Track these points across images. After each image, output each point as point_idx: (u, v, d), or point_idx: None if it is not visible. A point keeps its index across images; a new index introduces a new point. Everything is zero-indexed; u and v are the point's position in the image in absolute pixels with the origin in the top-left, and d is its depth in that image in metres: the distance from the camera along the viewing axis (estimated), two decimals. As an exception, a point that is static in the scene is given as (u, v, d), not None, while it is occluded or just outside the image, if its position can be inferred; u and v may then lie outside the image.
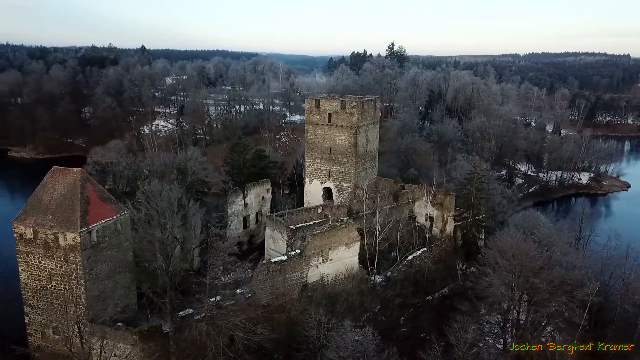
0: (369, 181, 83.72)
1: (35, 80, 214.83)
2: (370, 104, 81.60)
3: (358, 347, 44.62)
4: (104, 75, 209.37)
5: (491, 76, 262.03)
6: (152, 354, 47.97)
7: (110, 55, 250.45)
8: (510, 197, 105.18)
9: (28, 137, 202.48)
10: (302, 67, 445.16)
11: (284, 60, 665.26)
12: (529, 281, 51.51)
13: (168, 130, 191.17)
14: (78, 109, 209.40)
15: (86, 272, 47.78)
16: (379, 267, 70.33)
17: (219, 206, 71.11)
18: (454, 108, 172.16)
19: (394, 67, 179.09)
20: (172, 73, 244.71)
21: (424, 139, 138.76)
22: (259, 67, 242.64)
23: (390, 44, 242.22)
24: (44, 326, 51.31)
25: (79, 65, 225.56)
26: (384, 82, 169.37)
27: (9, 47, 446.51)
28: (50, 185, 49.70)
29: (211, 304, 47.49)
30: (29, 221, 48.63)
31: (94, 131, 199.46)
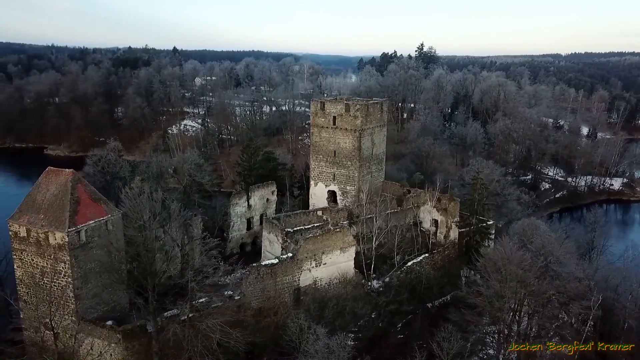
0: (375, 185, 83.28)
1: (72, 81, 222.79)
2: (376, 107, 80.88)
3: (329, 354, 44.17)
4: (136, 76, 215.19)
5: (525, 77, 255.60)
6: (135, 353, 48.95)
7: (144, 56, 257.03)
8: (527, 203, 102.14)
9: (63, 136, 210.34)
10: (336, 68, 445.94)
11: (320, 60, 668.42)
12: (519, 292, 49.91)
13: (195, 131, 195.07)
14: (111, 108, 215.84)
15: (74, 270, 49.10)
16: (378, 273, 69.79)
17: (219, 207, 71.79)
18: (481, 110, 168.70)
19: (419, 68, 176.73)
20: (202, 74, 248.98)
21: (445, 141, 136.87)
22: (284, 68, 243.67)
23: (419, 45, 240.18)
24: (37, 322, 53.02)
25: (113, 66, 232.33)
26: (408, 83, 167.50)
27: (54, 48, 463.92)
28: (44, 185, 51.38)
29: (187, 306, 48.00)
30: (22, 220, 50.39)
31: (125, 130, 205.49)
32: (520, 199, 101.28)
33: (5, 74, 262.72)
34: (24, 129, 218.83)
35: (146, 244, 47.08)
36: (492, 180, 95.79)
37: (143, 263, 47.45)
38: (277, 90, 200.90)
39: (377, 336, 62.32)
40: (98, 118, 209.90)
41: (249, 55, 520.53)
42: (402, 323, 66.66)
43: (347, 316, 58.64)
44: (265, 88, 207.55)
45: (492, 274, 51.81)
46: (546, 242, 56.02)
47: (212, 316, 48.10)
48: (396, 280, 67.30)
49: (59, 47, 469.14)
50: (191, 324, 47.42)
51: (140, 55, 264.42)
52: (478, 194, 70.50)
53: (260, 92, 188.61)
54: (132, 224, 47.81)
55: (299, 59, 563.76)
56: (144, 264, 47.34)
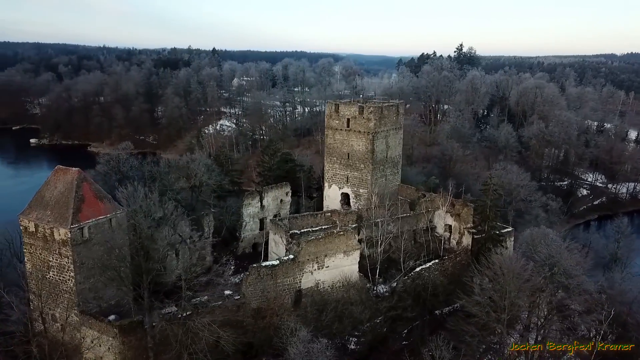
0: (390, 188, 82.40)
1: (115, 81, 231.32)
2: (391, 109, 79.99)
3: (308, 358, 44.09)
4: (175, 77, 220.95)
5: (570, 78, 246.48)
6: (132, 348, 50.42)
7: (185, 57, 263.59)
8: (555, 210, 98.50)
9: (105, 134, 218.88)
10: (378, 68, 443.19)
11: (363, 60, 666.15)
12: (516, 303, 48.31)
13: (231, 131, 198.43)
14: (151, 108, 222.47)
15: (76, 265, 51.10)
16: (386, 277, 69.11)
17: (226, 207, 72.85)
18: (517, 113, 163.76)
19: (453, 69, 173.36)
20: (239, 74, 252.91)
21: (475, 145, 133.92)
22: (319, 69, 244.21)
23: (459, 45, 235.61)
24: (44, 313, 55.45)
25: (155, 66, 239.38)
26: (441, 85, 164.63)
27: (105, 49, 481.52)
28: (52, 183, 53.69)
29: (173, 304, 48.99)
30: (32, 215, 52.85)
31: (163, 129, 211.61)
32: (547, 206, 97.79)
33: (56, 74, 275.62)
34: (70, 126, 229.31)
35: (141, 242, 48.27)
36: (514, 186, 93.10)
37: (137, 260, 48.66)
38: (311, 91, 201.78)
39: (377, 342, 61.85)
40: (138, 117, 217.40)
41: (290, 55, 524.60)
42: (407, 330, 65.96)
43: (345, 321, 58.42)
44: (299, 89, 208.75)
45: (490, 283, 50.32)
46: (554, 252, 53.84)
47: (201, 315, 48.86)
48: (402, 286, 66.45)
49: (110, 48, 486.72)
50: (179, 322, 48.35)
51: (181, 56, 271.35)
52: (490, 200, 68.48)
53: (292, 92, 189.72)
54: (128, 222, 49.18)
55: (341, 59, 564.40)
56: (138, 262, 48.55)
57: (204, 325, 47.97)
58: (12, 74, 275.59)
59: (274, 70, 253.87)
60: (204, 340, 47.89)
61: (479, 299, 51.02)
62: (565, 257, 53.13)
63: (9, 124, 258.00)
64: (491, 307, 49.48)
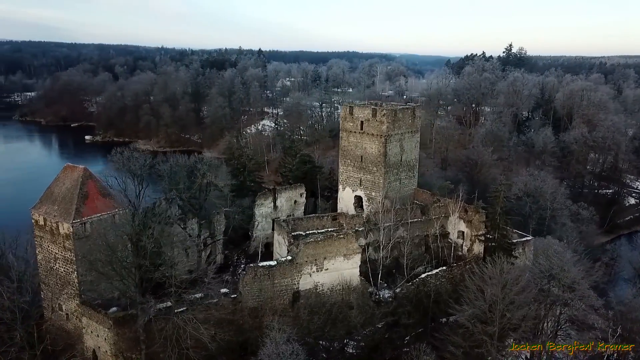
0: (405, 193, 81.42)
1: (164, 81, 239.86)
2: (406, 112, 78.90)
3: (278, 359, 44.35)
4: (220, 77, 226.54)
5: (629, 80, 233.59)
6: (126, 339, 52.50)
7: (232, 58, 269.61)
8: (586, 219, 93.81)
9: (153, 132, 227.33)
10: (431, 69, 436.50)
11: (417, 60, 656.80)
12: (506, 316, 46.64)
13: (272, 131, 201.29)
14: (197, 107, 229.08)
15: (78, 258, 53.84)
16: (391, 282, 68.44)
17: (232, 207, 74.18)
18: (562, 116, 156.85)
19: (495, 70, 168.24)
20: (283, 75, 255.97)
21: (511, 149, 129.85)
22: (358, 70, 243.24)
23: (508, 45, 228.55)
24: (53, 302, 58.82)
25: (202, 67, 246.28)
26: (481, 86, 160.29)
27: (162, 50, 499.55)
28: (61, 179, 56.83)
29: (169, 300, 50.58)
30: (41, 210, 56.15)
31: (207, 128, 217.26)
32: (577, 215, 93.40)
33: (112, 74, 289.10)
34: (122, 124, 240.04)
35: (131, 239, 50.10)
36: (542, 193, 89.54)
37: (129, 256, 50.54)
38: (352, 92, 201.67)
39: (377, 347, 61.20)
40: (184, 116, 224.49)
41: (342, 56, 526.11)
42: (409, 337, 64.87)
43: (339, 325, 58.25)
44: (340, 89, 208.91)
45: (478, 293, 48.87)
46: (554, 264, 51.47)
47: (195, 311, 50.29)
48: (405, 292, 65.55)
49: (167, 49, 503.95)
50: (162, 316, 49.95)
51: (228, 57, 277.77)
52: (500, 207, 66.30)
53: (329, 93, 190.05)
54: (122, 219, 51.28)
55: (393, 59, 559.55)
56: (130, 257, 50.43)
57: (187, 321, 49.22)
58: (72, 74, 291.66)
59: (319, 71, 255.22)
60: (187, 335, 49.09)
61: (467, 308, 49.63)
62: (567, 270, 50.64)
63: (69, 122, 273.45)
64: (479, 318, 47.99)
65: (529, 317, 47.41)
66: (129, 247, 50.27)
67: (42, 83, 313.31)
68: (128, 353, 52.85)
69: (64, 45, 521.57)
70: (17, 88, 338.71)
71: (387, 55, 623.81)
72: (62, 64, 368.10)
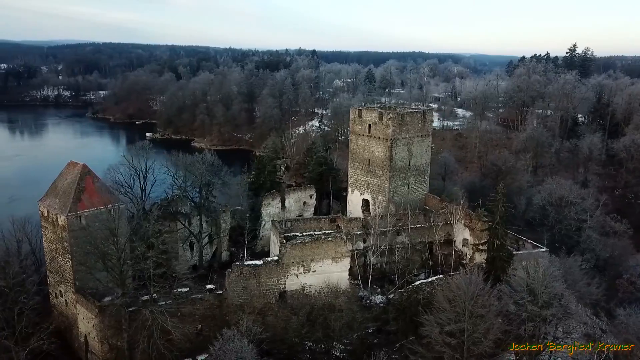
0: (415, 198, 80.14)
1: (220, 82, 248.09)
2: (415, 116, 77.54)
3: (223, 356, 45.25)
4: (272, 78, 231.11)
5: None
6: (110, 327, 55.61)
7: (286, 59, 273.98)
8: (621, 233, 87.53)
9: (207, 130, 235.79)
10: (500, 69, 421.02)
11: (487, 60, 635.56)
12: (476, 331, 45.02)
13: (316, 131, 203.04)
14: (250, 107, 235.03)
15: (73, 249, 57.61)
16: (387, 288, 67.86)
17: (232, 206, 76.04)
18: (619, 122, 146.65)
19: (546, 72, 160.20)
20: (338, 76, 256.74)
21: (553, 155, 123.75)
22: (407, 71, 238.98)
23: (572, 46, 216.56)
24: (55, 289, 63.27)
25: (256, 67, 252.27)
26: (530, 89, 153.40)
27: (230, 50, 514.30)
28: (64, 175, 61.03)
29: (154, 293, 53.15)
30: (46, 202, 60.57)
31: (257, 128, 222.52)
32: (606, 227, 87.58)
33: (176, 74, 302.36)
34: (180, 123, 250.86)
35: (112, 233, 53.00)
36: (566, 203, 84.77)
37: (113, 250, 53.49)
38: (402, 93, 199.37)
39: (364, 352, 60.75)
40: (237, 115, 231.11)
41: (408, 56, 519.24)
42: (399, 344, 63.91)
43: (317, 327, 58.51)
44: (388, 90, 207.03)
45: (443, 304, 47.46)
46: (536, 279, 48.84)
47: (159, 305, 52.49)
48: (397, 298, 64.61)
49: (234, 49, 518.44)
50: (138, 308, 52.46)
51: (282, 58, 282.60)
52: (499, 215, 63.61)
53: (372, 94, 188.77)
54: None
55: (461, 59, 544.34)
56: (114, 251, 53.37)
57: (157, 313, 51.42)
58: (139, 74, 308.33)
59: (372, 71, 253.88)
60: (157, 326, 51.33)
61: (433, 318, 48.28)
62: (545, 285, 47.95)
63: (134, 119, 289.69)
64: (443, 331, 46.59)
65: (493, 331, 45.45)
66: (113, 241, 53.05)
67: (115, 83, 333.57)
68: (112, 340, 56.05)
69: (140, 46, 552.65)
70: (93, 87, 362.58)
71: (455, 55, 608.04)
72: (134, 65, 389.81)
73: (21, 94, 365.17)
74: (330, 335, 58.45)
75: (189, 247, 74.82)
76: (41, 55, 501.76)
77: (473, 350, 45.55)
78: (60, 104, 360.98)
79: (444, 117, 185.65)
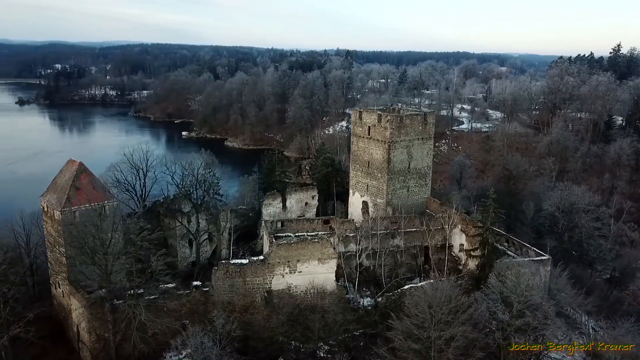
0: (415, 201, 79.29)
1: (254, 82, 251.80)
2: (415, 118, 76.59)
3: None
4: (304, 78, 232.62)
5: None
6: (98, 319, 57.89)
7: (320, 59, 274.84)
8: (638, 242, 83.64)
9: (240, 130, 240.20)
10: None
11: (536, 60, 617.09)
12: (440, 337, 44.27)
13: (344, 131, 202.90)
14: (282, 107, 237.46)
15: (67, 243, 60.31)
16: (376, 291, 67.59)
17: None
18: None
19: (579, 74, 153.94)
20: (372, 76, 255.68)
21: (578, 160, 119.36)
22: (438, 72, 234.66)
23: (616, 46, 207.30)
24: (55, 280, 66.38)
25: (289, 68, 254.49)
26: (562, 90, 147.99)
27: (272, 51, 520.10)
28: (63, 172, 63.92)
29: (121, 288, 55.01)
30: (46, 197, 63.62)
31: (287, 129, 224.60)
32: (623, 237, 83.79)
33: (214, 74, 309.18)
34: (215, 122, 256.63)
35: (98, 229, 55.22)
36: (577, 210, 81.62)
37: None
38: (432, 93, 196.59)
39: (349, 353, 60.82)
40: (269, 116, 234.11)
41: (450, 56, 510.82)
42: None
43: (297, 327, 58.96)
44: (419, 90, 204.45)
45: (409, 309, 46.85)
46: (510, 287, 47.47)
47: (136, 300, 54.25)
48: (385, 302, 64.23)
49: (277, 50, 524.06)
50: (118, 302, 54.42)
51: (316, 58, 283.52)
52: (490, 221, 62.11)
53: (399, 95, 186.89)
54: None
55: (508, 60, 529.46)
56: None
57: (134, 307, 53.20)
58: (179, 75, 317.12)
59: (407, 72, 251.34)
60: (134, 320, 53.15)
61: (399, 323, 47.73)
62: (519, 294, 46.50)
63: (173, 118, 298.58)
64: (409, 335, 45.99)
65: (458, 338, 44.49)
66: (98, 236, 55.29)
67: (157, 83, 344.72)
68: (100, 331, 58.35)
69: (185, 47, 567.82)
70: (137, 87, 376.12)
71: (501, 55, 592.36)
72: (177, 65, 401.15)
73: (71, 93, 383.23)
74: (309, 336, 58.83)
75: (188, 244, 76.79)
76: (92, 56, 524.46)
77: (438, 358, 44.76)
78: (106, 103, 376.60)
79: (475, 119, 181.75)
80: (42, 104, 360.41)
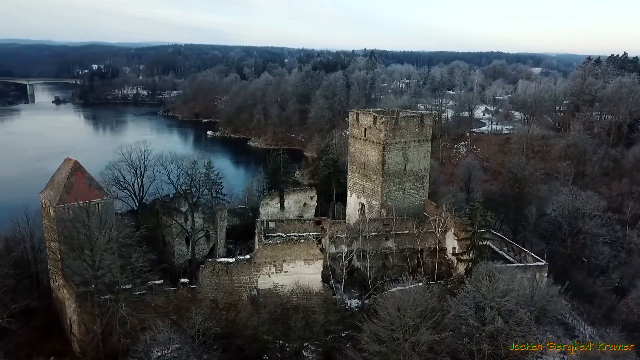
0: (412, 204, 78.75)
1: (278, 82, 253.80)
2: (411, 120, 76.02)
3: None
4: (326, 79, 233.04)
5: None
6: (87, 313, 59.84)
7: (344, 60, 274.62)
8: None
9: (262, 130, 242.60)
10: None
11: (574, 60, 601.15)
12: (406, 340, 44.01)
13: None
14: (303, 108, 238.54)
15: (61, 238, 62.51)
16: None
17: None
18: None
19: (604, 75, 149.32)
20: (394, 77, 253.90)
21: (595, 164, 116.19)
22: (457, 72, 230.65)
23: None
24: (53, 273, 68.86)
25: (313, 68, 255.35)
26: (584, 91, 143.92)
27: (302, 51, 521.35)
28: (60, 170, 66.28)
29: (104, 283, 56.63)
30: (45, 194, 66.15)
31: (309, 129, 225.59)
32: (632, 244, 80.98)
33: (241, 75, 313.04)
34: (239, 122, 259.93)
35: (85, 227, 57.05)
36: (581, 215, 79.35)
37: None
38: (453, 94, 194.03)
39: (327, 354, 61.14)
40: (291, 116, 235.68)
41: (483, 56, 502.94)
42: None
43: (279, 325, 59.47)
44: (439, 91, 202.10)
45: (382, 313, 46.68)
46: (483, 292, 46.67)
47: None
48: (370, 304, 64.02)
49: (307, 50, 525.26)
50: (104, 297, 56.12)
51: (340, 59, 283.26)
52: (478, 226, 61.15)
53: (416, 96, 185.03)
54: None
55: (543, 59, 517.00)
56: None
57: (113, 301, 54.73)
58: (207, 75, 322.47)
59: (432, 72, 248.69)
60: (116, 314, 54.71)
61: (368, 326, 47.61)
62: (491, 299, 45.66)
63: (200, 117, 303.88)
64: (376, 339, 45.86)
65: (425, 342, 44.10)
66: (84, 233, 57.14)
67: (185, 83, 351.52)
68: (89, 324, 60.26)
69: (217, 47, 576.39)
70: (168, 86, 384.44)
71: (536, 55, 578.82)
72: (206, 65, 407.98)
73: (105, 92, 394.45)
74: (290, 335, 59.27)
75: (185, 242, 78.34)
76: (127, 56, 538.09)
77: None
78: (138, 102, 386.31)
79: (498, 120, 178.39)
80: (77, 103, 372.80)
